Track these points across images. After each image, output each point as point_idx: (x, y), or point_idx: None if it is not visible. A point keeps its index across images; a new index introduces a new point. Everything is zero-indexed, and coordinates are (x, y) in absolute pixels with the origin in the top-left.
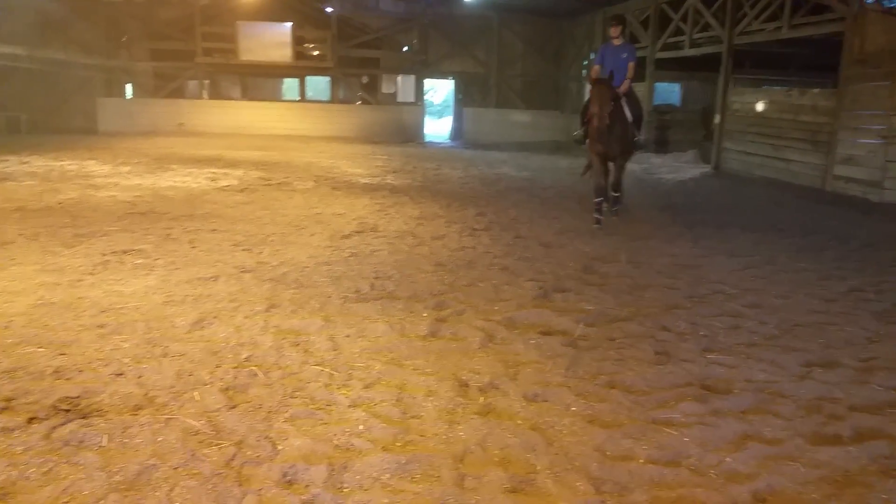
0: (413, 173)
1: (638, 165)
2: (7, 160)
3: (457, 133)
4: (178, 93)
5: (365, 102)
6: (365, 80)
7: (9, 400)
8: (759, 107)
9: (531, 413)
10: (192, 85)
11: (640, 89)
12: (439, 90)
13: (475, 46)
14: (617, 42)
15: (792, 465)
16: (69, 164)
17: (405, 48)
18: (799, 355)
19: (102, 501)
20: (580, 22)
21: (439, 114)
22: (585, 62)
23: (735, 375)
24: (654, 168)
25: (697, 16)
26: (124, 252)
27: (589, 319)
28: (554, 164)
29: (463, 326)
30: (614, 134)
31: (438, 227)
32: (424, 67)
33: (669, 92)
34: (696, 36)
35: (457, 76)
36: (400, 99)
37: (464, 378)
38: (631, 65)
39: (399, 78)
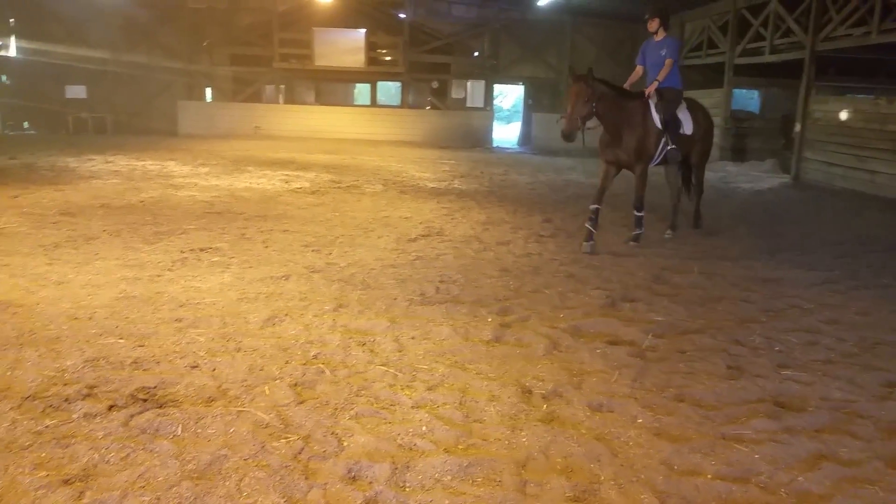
0: (480, 178)
1: (714, 174)
2: (93, 159)
3: (525, 138)
4: (255, 97)
5: (434, 107)
6: (435, 85)
7: (91, 388)
8: (843, 115)
9: (596, 423)
10: (268, 89)
11: (714, 97)
12: (508, 95)
13: (546, 51)
14: (658, 37)
15: (870, 488)
16: (151, 164)
17: (475, 53)
18: (879, 374)
19: (175, 488)
20: None
21: (508, 119)
22: None
23: (810, 393)
24: (731, 177)
25: (779, 21)
26: (201, 250)
27: (658, 330)
28: (624, 173)
29: (527, 333)
30: (624, 141)
31: (504, 232)
32: (494, 72)
33: (748, 99)
34: (777, 41)
35: (527, 81)
36: (469, 104)
37: (527, 384)
38: (668, 62)
39: (469, 83)
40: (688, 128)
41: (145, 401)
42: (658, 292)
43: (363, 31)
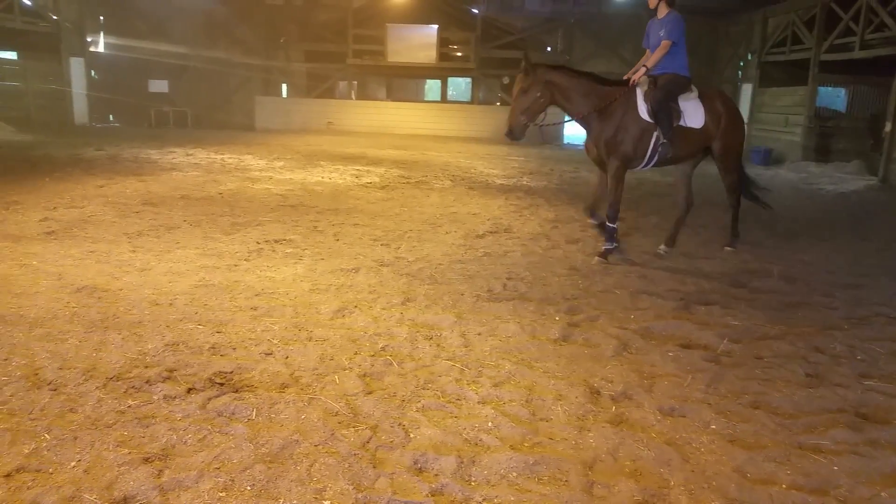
0: (550, 175)
1: (795, 175)
2: (174, 152)
3: None
4: (329, 93)
5: (505, 103)
6: (506, 80)
7: (171, 371)
8: None
9: (666, 427)
10: (341, 85)
11: (798, 95)
12: None
13: (622, 46)
14: (660, 15)
15: None
16: (229, 158)
17: (548, 49)
18: None
19: (249, 471)
20: (737, 21)
21: None
22: (742, 63)
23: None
24: (814, 178)
25: (871, 14)
26: (276, 241)
27: (734, 335)
28: (701, 169)
29: (596, 333)
30: (594, 131)
31: (574, 230)
32: None
33: (834, 97)
34: (868, 36)
35: None
36: None
37: (595, 385)
38: (664, 44)
39: None
40: (693, 120)
41: (222, 385)
42: (735, 296)
43: (435, 26)
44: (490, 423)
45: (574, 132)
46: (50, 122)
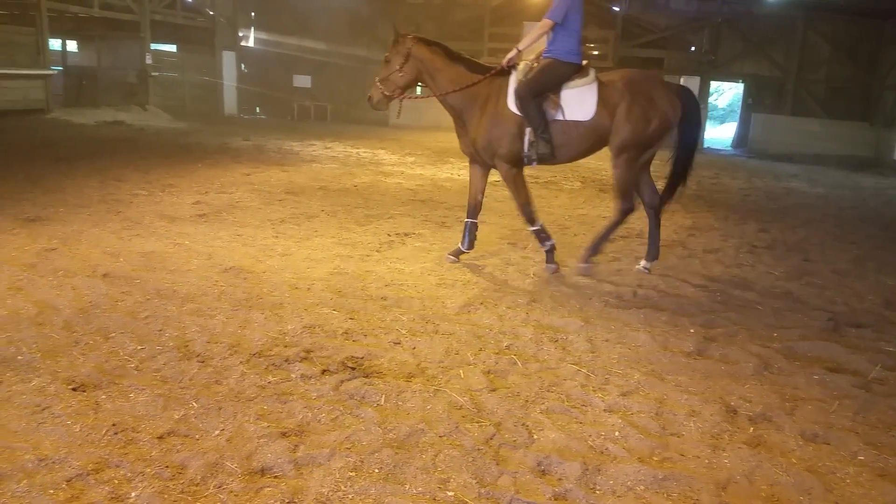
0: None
1: None
2: (314, 144)
3: (741, 140)
4: None
5: None
6: None
7: (308, 352)
8: None
9: (808, 453)
10: None
11: None
12: (725, 93)
13: (772, 48)
14: None
15: None
16: (363, 152)
17: (692, 48)
18: None
19: (377, 454)
20: None
21: (722, 119)
22: None
23: None
24: None
25: None
26: (406, 234)
27: (889, 362)
28: (856, 182)
29: (734, 349)
30: (467, 128)
31: (712, 239)
32: (712, 69)
33: None
34: None
35: (747, 79)
36: None
37: (732, 404)
38: (543, 23)
39: (682, 79)
40: (577, 112)
41: (354, 369)
42: (890, 319)
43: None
44: (617, 433)
45: (713, 135)
46: (202, 111)
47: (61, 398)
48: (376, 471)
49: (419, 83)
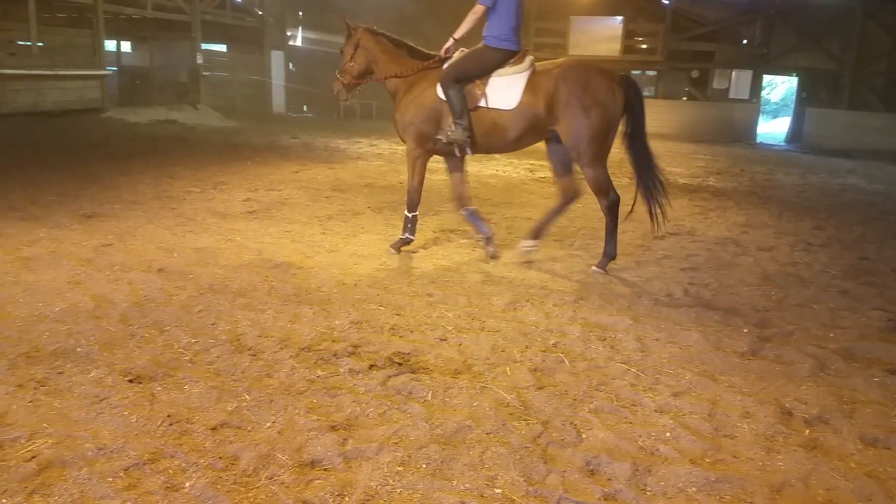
0: (740, 176)
1: None
2: (360, 142)
3: (795, 135)
4: None
5: (692, 98)
6: (695, 74)
7: (355, 347)
8: None
9: (868, 458)
10: None
11: None
12: (778, 87)
13: (828, 39)
14: None
15: None
16: None
17: (744, 41)
18: None
19: (425, 449)
20: None
21: (775, 113)
22: None
23: None
24: None
25: None
26: (451, 231)
27: None
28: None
29: (790, 350)
30: (398, 111)
31: (766, 237)
32: (764, 62)
33: None
34: None
35: (802, 72)
36: (732, 95)
37: (787, 406)
38: (474, 8)
39: (733, 73)
40: (501, 101)
41: (400, 364)
42: None
43: (621, 18)
44: (668, 434)
45: (765, 130)
46: (251, 110)
47: (118, 389)
48: (424, 466)
49: (370, 72)
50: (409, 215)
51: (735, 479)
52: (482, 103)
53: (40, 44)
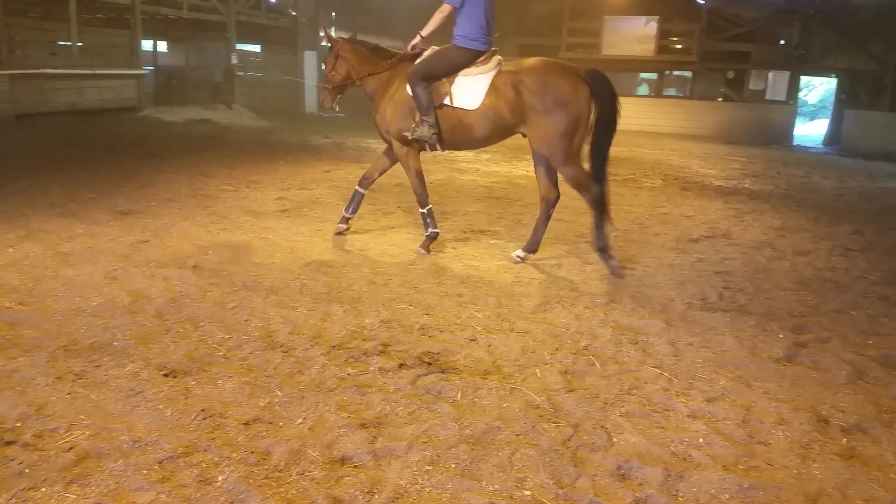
0: (776, 179)
1: None
2: None
3: (833, 137)
4: None
5: (727, 99)
6: (730, 75)
7: (385, 346)
8: None
9: None
10: None
11: None
12: (816, 88)
13: (870, 40)
14: None
15: None
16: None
17: (781, 42)
18: None
19: (454, 449)
20: None
21: (812, 115)
22: None
23: None
24: None
25: None
26: (481, 231)
27: None
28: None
29: (827, 356)
30: (377, 112)
31: (803, 241)
32: (802, 63)
33: None
34: None
35: (841, 73)
36: (769, 97)
37: (824, 413)
38: (441, 7)
39: (770, 74)
40: (464, 100)
41: (430, 364)
42: None
43: (656, 18)
44: (701, 440)
45: (802, 133)
46: (284, 110)
47: (153, 383)
48: (453, 466)
49: (351, 78)
50: (424, 211)
51: (769, 486)
52: (447, 101)
53: (80, 44)
